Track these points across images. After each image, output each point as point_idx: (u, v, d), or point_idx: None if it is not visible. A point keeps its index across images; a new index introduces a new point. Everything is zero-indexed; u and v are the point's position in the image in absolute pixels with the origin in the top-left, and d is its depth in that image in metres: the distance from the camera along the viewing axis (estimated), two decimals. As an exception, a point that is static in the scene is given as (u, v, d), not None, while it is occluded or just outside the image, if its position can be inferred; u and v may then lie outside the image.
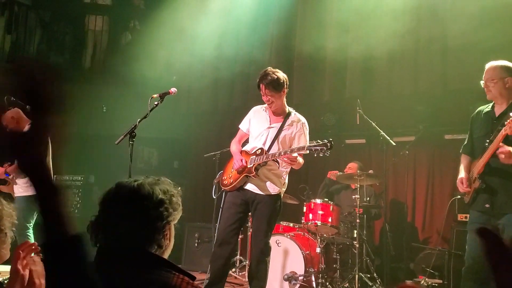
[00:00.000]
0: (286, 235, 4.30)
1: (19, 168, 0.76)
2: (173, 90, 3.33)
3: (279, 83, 3.20)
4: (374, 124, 4.31)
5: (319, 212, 4.26)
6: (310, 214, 4.30)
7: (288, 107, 3.38)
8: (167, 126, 6.13)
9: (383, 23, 4.62)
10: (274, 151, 3.24)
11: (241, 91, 5.87)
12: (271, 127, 3.32)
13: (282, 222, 4.71)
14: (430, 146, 5.09)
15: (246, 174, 3.25)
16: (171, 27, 6.07)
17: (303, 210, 4.44)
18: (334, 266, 4.34)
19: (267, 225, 3.24)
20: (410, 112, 4.97)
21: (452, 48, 4.42)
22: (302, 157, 3.22)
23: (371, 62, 4.84)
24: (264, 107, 3.39)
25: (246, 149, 3.41)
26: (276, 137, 3.26)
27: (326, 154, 3.02)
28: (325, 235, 4.37)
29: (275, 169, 3.28)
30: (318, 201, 4.35)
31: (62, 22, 6.94)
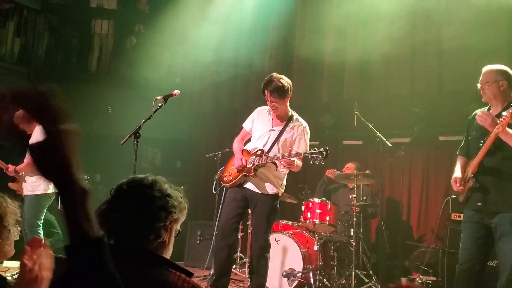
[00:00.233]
0: (285, 233, 4.32)
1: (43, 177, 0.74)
2: (176, 92, 3.35)
3: (284, 90, 3.22)
4: (370, 125, 4.32)
5: (317, 211, 4.27)
6: (309, 213, 4.32)
7: (291, 111, 3.41)
8: (170, 127, 6.15)
9: (380, 28, 4.63)
10: (274, 153, 3.26)
11: (241, 93, 5.89)
12: (273, 130, 3.34)
13: (281, 221, 4.73)
14: (425, 147, 5.09)
15: (245, 173, 3.27)
16: (174, 32, 6.10)
17: (302, 209, 4.46)
18: (332, 263, 4.36)
19: (267, 222, 3.27)
20: (406, 114, 4.98)
21: (447, 51, 4.41)
22: (301, 160, 3.23)
23: (368, 65, 4.84)
24: (268, 109, 3.41)
25: (247, 148, 3.44)
26: (276, 139, 3.29)
27: (321, 162, 3.05)
28: (322, 233, 4.38)
29: (274, 170, 3.30)
30: (316, 200, 4.36)
31: (69, 26, 6.97)
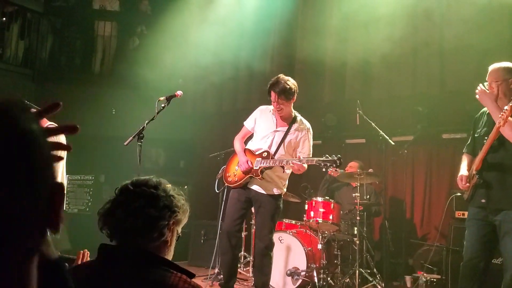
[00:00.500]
0: (288, 232, 4.28)
1: None
2: (179, 93, 3.32)
3: (291, 92, 3.19)
4: (373, 124, 4.28)
5: (320, 210, 4.24)
6: (312, 212, 4.28)
7: (294, 112, 3.37)
8: (174, 128, 6.13)
9: (381, 28, 4.60)
10: (280, 155, 3.24)
11: (244, 94, 5.86)
12: (277, 131, 3.30)
13: (284, 220, 4.69)
14: (428, 145, 5.06)
15: (252, 175, 3.25)
16: (176, 33, 6.08)
17: (305, 208, 4.42)
18: (335, 262, 4.32)
19: (272, 222, 3.27)
20: (409, 112, 4.94)
21: (448, 50, 4.39)
22: (309, 164, 3.22)
23: (370, 65, 4.82)
24: (271, 109, 3.37)
25: (250, 148, 3.39)
26: (282, 141, 3.26)
27: (336, 170, 3.06)
28: (326, 232, 4.35)
29: (280, 172, 3.28)
30: (320, 199, 4.33)
31: (72, 28, 6.96)
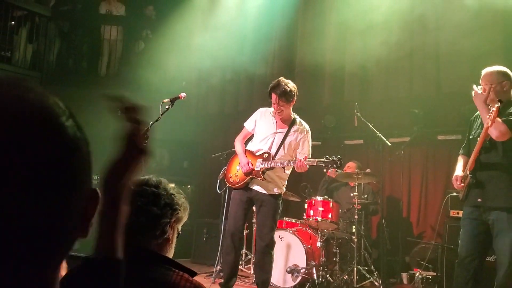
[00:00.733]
0: (288, 230, 4.30)
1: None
2: (182, 95, 3.34)
3: (291, 95, 3.22)
4: (371, 126, 4.30)
5: (320, 208, 4.26)
6: (311, 211, 4.31)
7: (293, 114, 3.39)
8: (177, 129, 6.15)
9: (378, 33, 4.62)
10: (280, 156, 3.25)
11: (246, 96, 5.89)
12: (278, 132, 3.32)
13: (285, 218, 4.72)
14: (424, 146, 5.07)
15: (253, 176, 3.27)
16: (180, 38, 6.11)
17: (305, 207, 4.44)
18: (334, 259, 4.34)
19: (273, 221, 3.28)
20: (405, 114, 4.96)
21: (443, 54, 4.41)
22: (310, 164, 3.24)
23: (368, 68, 4.84)
24: (271, 111, 3.39)
25: (250, 149, 3.42)
26: (282, 142, 3.28)
27: (336, 171, 3.07)
28: (325, 230, 4.36)
29: (280, 173, 3.30)
30: (319, 198, 4.35)
31: (79, 32, 7.00)
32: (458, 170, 2.83)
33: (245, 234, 4.78)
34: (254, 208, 3.49)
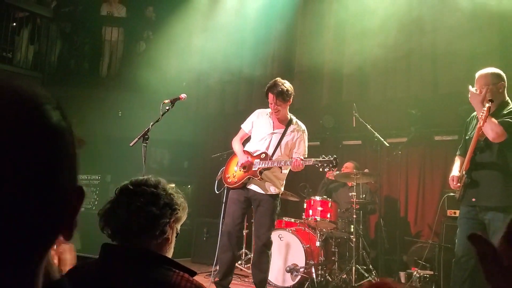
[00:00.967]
0: (288, 230, 4.30)
1: None
2: (183, 96, 3.34)
3: (288, 94, 3.23)
4: (369, 126, 4.30)
5: (319, 208, 4.25)
6: (310, 210, 4.30)
7: (290, 114, 3.39)
8: (178, 129, 6.15)
9: (376, 34, 4.62)
10: (277, 156, 3.25)
11: (246, 96, 5.88)
12: (275, 133, 3.32)
13: (284, 218, 4.71)
14: (421, 147, 5.07)
15: (251, 176, 3.25)
16: (181, 39, 6.11)
17: (304, 207, 4.44)
18: (333, 258, 4.34)
19: (270, 221, 3.27)
20: (403, 115, 4.96)
21: (440, 55, 4.41)
22: (307, 164, 3.23)
23: (366, 69, 4.84)
24: (268, 112, 3.39)
25: (248, 149, 3.41)
26: (279, 143, 3.28)
27: (331, 169, 3.07)
28: (324, 230, 4.36)
29: (277, 172, 3.29)
30: (318, 198, 4.35)
31: (81, 33, 6.98)
32: (455, 171, 2.84)
33: (244, 234, 4.80)
34: (253, 208, 3.49)
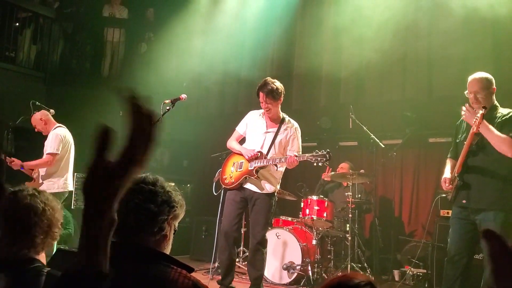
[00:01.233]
0: (285, 228, 4.33)
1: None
2: (183, 96, 3.36)
3: (278, 93, 3.24)
4: (365, 128, 4.34)
5: (315, 207, 4.29)
6: (307, 209, 4.34)
7: (282, 113, 3.40)
8: (178, 129, 6.16)
9: (373, 38, 4.65)
10: (271, 154, 3.27)
11: (245, 97, 5.90)
12: (268, 132, 3.34)
13: (281, 217, 4.74)
14: (416, 148, 5.11)
15: (247, 175, 3.27)
16: (181, 41, 6.12)
17: (301, 206, 4.47)
18: (329, 257, 4.37)
19: (265, 219, 3.27)
20: (398, 117, 5.00)
21: (435, 59, 4.46)
22: (301, 160, 3.24)
23: (363, 72, 4.88)
24: (260, 113, 3.42)
25: None
26: (273, 141, 3.30)
27: (325, 164, 3.07)
28: (320, 229, 4.39)
29: (273, 170, 3.31)
30: (314, 197, 4.38)
31: (83, 34, 7.00)
32: (447, 173, 2.88)
33: (243, 232, 4.83)
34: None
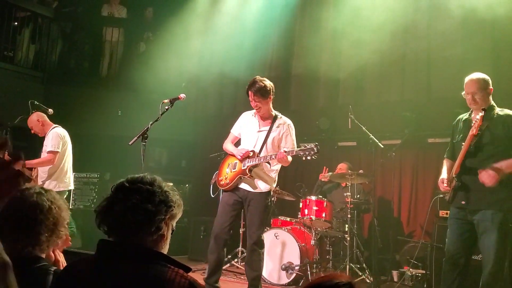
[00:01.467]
0: (284, 229, 4.32)
1: None
2: (182, 96, 3.34)
3: (266, 91, 3.22)
4: (364, 128, 4.33)
5: (314, 208, 4.28)
6: (306, 210, 4.33)
7: (274, 111, 3.37)
8: (176, 129, 6.15)
9: (372, 39, 4.65)
10: (264, 153, 3.24)
11: (243, 98, 5.83)
12: (261, 131, 3.32)
13: (280, 217, 4.74)
14: (415, 149, 5.11)
15: (241, 175, 3.25)
16: (180, 41, 6.11)
17: (300, 206, 4.46)
18: (327, 257, 4.37)
19: (259, 220, 3.23)
20: (397, 118, 5.00)
21: (434, 60, 4.47)
22: (290, 155, 3.15)
23: (362, 73, 4.88)
24: (253, 113, 3.40)
25: None
26: (265, 140, 3.27)
27: (314, 157, 2.97)
28: (319, 229, 4.38)
29: (266, 168, 3.28)
30: (313, 198, 4.37)
31: (81, 33, 6.98)
32: (444, 173, 2.88)
33: (241, 232, 4.81)
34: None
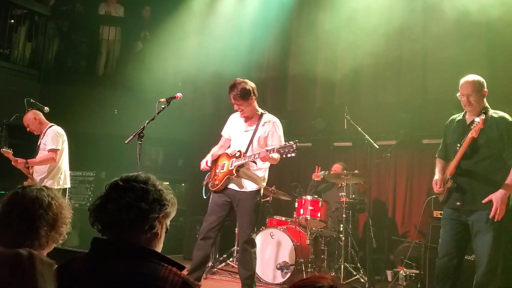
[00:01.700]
0: (279, 228, 4.32)
1: None
2: (178, 95, 3.33)
3: (246, 93, 3.20)
4: (360, 129, 4.34)
5: (309, 207, 4.29)
6: (301, 209, 4.34)
7: (260, 110, 3.36)
8: (173, 128, 6.14)
9: (368, 41, 4.67)
10: (251, 153, 3.23)
11: (240, 97, 5.88)
12: (247, 131, 3.32)
13: (275, 216, 4.74)
14: (410, 150, 5.13)
15: (229, 175, 3.24)
16: (177, 40, 6.09)
17: (295, 206, 4.47)
18: (322, 256, 4.37)
19: (249, 219, 3.21)
20: (393, 118, 5.02)
21: (430, 62, 4.49)
22: (272, 153, 3.08)
23: (358, 74, 4.89)
24: (239, 113, 3.41)
25: (228, 151, 3.43)
26: (251, 139, 3.27)
27: (293, 154, 2.88)
28: (314, 229, 4.39)
29: (253, 167, 3.28)
30: (309, 197, 4.38)
31: (78, 32, 6.94)
32: (437, 174, 2.88)
33: (236, 232, 4.81)
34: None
